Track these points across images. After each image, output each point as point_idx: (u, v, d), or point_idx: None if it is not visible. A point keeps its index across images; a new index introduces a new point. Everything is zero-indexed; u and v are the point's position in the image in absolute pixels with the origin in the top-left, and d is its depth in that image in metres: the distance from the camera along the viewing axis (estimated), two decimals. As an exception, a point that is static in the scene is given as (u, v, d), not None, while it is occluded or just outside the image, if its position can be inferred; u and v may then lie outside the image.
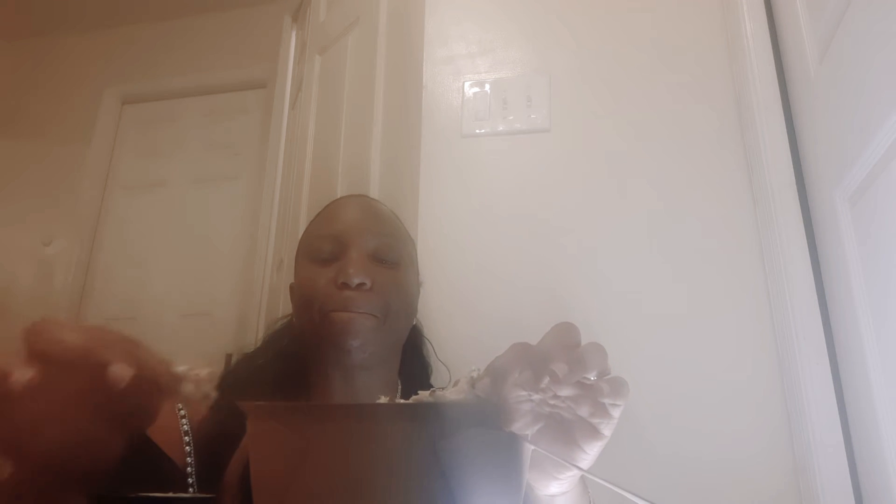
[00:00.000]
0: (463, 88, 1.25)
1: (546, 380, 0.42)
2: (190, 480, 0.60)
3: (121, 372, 0.37)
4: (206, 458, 0.67)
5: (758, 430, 0.95)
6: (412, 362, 0.87)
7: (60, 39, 3.18)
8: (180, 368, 0.41)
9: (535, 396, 0.47)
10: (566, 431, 0.47)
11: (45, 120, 3.06)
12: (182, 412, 0.69)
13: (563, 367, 0.41)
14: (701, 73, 1.16)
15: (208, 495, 0.41)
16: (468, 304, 1.10)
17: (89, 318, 2.66)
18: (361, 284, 0.70)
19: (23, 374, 0.36)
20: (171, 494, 0.39)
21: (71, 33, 3.17)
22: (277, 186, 2.24)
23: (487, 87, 1.24)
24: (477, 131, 1.21)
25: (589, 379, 0.44)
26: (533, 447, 0.46)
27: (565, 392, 0.45)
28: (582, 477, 0.51)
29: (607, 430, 0.46)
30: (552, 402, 0.47)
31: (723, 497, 0.93)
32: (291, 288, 0.80)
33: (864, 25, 0.80)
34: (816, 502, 0.86)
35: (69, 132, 2.97)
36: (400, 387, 0.81)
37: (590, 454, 0.47)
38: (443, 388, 0.44)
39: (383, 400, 0.43)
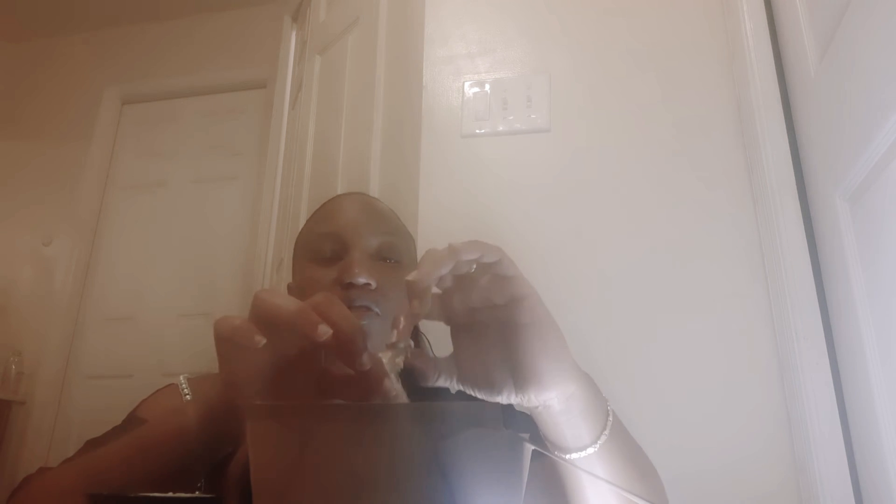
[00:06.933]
0: (463, 88, 1.25)
1: (428, 299, 0.45)
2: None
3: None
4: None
5: (758, 430, 0.95)
6: None
7: (60, 39, 3.18)
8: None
9: (458, 318, 0.50)
10: (504, 325, 0.48)
11: (45, 120, 3.06)
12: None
13: (415, 273, 0.44)
14: (701, 73, 1.16)
15: (209, 496, 0.42)
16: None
17: (89, 317, 2.67)
18: (367, 285, 0.70)
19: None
20: (170, 494, 0.39)
21: (71, 33, 3.17)
22: (277, 186, 2.24)
23: (487, 87, 1.24)
24: (477, 131, 1.21)
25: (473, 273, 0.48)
26: (533, 447, 0.46)
27: (474, 302, 0.49)
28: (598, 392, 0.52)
29: (521, 288, 0.48)
30: (479, 316, 0.50)
31: (723, 496, 0.93)
32: (290, 288, 0.78)
33: (864, 25, 0.79)
34: (816, 502, 0.86)
35: (69, 132, 2.98)
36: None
37: (535, 319, 0.47)
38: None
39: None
